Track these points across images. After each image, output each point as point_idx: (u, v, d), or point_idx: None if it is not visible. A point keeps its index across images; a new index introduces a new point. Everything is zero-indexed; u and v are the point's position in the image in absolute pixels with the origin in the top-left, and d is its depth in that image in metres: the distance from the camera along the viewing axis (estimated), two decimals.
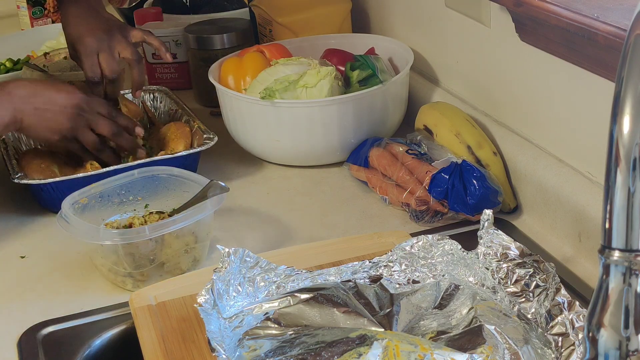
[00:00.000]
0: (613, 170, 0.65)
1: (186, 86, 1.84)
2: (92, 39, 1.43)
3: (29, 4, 2.29)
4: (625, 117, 0.64)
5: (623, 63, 0.64)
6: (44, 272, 1.24)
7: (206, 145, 1.41)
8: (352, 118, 1.43)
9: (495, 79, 1.37)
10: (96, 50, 1.43)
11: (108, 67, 1.43)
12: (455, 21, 1.45)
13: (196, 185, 1.23)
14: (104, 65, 1.43)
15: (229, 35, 1.73)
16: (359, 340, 0.89)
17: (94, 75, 1.43)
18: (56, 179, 1.33)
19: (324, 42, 1.66)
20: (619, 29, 0.98)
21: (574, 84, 1.16)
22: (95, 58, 1.43)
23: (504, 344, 0.89)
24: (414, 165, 1.32)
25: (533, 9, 1.12)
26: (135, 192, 1.26)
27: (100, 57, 1.43)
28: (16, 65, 1.97)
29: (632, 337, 0.65)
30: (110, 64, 1.43)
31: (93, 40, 1.43)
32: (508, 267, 1.01)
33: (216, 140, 1.42)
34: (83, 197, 1.22)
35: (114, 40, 1.44)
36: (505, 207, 1.29)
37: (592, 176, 1.16)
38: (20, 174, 1.34)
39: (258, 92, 1.43)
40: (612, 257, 0.65)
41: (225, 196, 1.19)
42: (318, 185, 1.43)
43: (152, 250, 1.15)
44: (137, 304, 1.07)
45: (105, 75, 1.44)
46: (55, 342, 1.08)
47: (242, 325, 0.98)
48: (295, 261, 1.09)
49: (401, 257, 1.05)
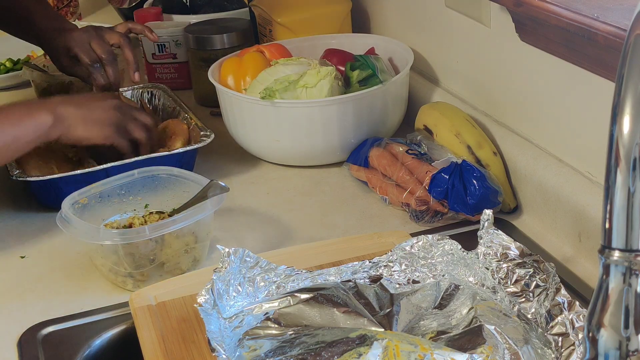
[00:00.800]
0: (613, 170, 0.65)
1: (186, 86, 1.84)
2: (80, 32, 1.54)
3: None
4: (625, 117, 0.64)
5: (623, 63, 0.64)
6: (44, 272, 1.24)
7: (203, 143, 1.41)
8: (352, 118, 1.43)
9: (495, 79, 1.37)
10: (87, 40, 1.52)
11: (100, 49, 1.52)
12: (455, 21, 1.45)
13: (196, 185, 1.23)
14: (96, 49, 1.52)
15: (229, 35, 1.73)
16: (359, 340, 0.89)
17: (91, 59, 1.52)
18: (54, 176, 1.34)
19: (324, 42, 1.66)
20: (619, 29, 0.98)
21: (574, 84, 1.16)
22: (88, 45, 1.52)
23: (504, 344, 0.89)
24: (414, 165, 1.32)
25: (533, 9, 1.12)
26: (135, 192, 1.26)
27: (92, 44, 1.52)
28: (16, 65, 1.97)
29: (632, 337, 0.65)
30: (102, 45, 1.52)
31: (81, 33, 1.54)
32: (508, 267, 1.01)
33: (213, 137, 1.42)
34: (83, 197, 1.22)
35: (101, 30, 1.55)
36: (505, 207, 1.29)
37: (592, 176, 1.16)
38: (19, 171, 1.34)
39: (258, 92, 1.43)
40: (612, 257, 0.65)
41: (225, 196, 1.19)
42: (318, 185, 1.43)
43: (152, 250, 1.15)
44: (137, 304, 1.07)
45: (101, 58, 1.52)
46: (55, 342, 1.08)
47: (242, 325, 0.98)
48: (295, 261, 1.09)
49: (401, 257, 1.05)
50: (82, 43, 1.52)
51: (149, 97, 1.64)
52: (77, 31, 1.54)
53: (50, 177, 1.33)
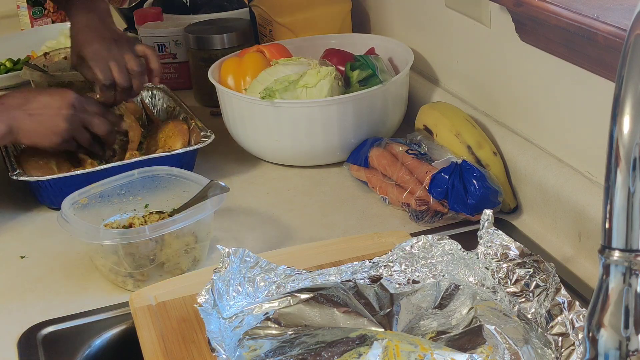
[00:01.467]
0: (613, 170, 0.65)
1: (186, 86, 1.84)
2: (101, 46, 1.45)
3: (29, 4, 2.29)
4: (625, 117, 0.64)
5: (623, 63, 0.64)
6: (44, 272, 1.24)
7: (203, 143, 1.41)
8: (352, 118, 1.43)
9: (495, 79, 1.37)
10: (106, 58, 1.44)
11: (120, 76, 1.44)
12: (455, 21, 1.45)
13: (196, 185, 1.23)
14: (116, 74, 1.44)
15: (229, 35, 1.73)
16: (359, 340, 0.89)
17: (107, 80, 1.44)
18: (54, 176, 1.34)
19: (324, 42, 1.66)
20: (619, 29, 0.98)
21: (574, 83, 1.16)
22: (106, 64, 1.44)
23: (504, 344, 0.89)
24: (414, 165, 1.32)
25: (533, 9, 1.12)
26: (135, 192, 1.26)
27: (112, 65, 1.44)
28: (16, 65, 1.97)
29: (632, 337, 0.65)
30: (122, 72, 1.44)
31: (102, 48, 1.45)
32: (508, 267, 1.00)
33: (213, 138, 1.43)
34: (83, 197, 1.22)
35: (122, 50, 1.46)
36: (505, 207, 1.29)
37: (592, 176, 1.16)
38: (19, 171, 1.35)
39: (258, 92, 1.43)
40: (612, 257, 0.65)
41: (225, 196, 1.19)
42: (318, 185, 1.43)
43: (152, 250, 1.15)
44: (137, 304, 1.07)
45: (118, 84, 1.45)
46: (55, 342, 1.08)
47: (242, 325, 0.98)
48: (295, 261, 1.09)
49: (401, 257, 1.05)
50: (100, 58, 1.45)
51: (149, 98, 1.64)
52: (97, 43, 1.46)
53: (51, 177, 1.34)
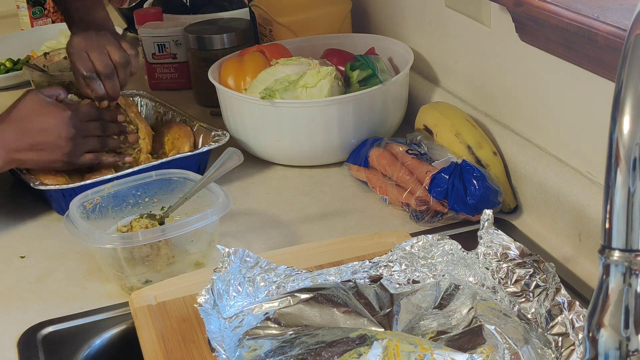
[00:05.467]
0: (613, 170, 0.65)
1: (186, 86, 1.84)
2: (81, 39, 1.41)
3: (29, 4, 2.29)
4: (625, 117, 0.64)
5: (623, 63, 0.64)
6: (44, 272, 1.24)
7: (220, 142, 1.42)
8: (352, 118, 1.43)
9: (495, 79, 1.37)
10: (83, 49, 1.39)
11: (100, 62, 1.38)
12: (455, 21, 1.45)
13: (207, 191, 1.22)
14: (95, 61, 1.38)
15: (229, 35, 1.72)
16: (359, 340, 0.89)
17: (88, 70, 1.38)
18: (74, 185, 1.32)
19: (324, 42, 1.66)
20: (619, 29, 0.98)
21: (574, 84, 1.16)
22: (85, 54, 1.39)
23: (504, 344, 0.89)
24: (414, 165, 1.32)
25: (533, 9, 1.12)
26: (152, 193, 1.26)
27: (90, 54, 1.39)
28: (16, 65, 1.97)
29: (632, 337, 0.65)
30: (102, 59, 1.38)
31: (81, 39, 1.41)
32: (508, 267, 1.01)
33: (229, 137, 1.43)
34: (96, 197, 1.22)
35: (103, 39, 1.41)
36: (505, 207, 1.29)
37: (592, 176, 1.16)
38: (39, 182, 1.33)
39: (258, 92, 1.43)
40: (612, 257, 0.65)
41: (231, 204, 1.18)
42: (318, 185, 1.44)
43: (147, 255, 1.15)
44: (137, 304, 1.07)
45: (99, 71, 1.39)
46: (55, 342, 1.08)
47: (242, 325, 0.98)
48: (295, 261, 1.09)
49: (401, 257, 1.05)
50: (78, 50, 1.40)
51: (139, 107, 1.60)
52: (77, 37, 1.42)
53: (73, 186, 1.32)
